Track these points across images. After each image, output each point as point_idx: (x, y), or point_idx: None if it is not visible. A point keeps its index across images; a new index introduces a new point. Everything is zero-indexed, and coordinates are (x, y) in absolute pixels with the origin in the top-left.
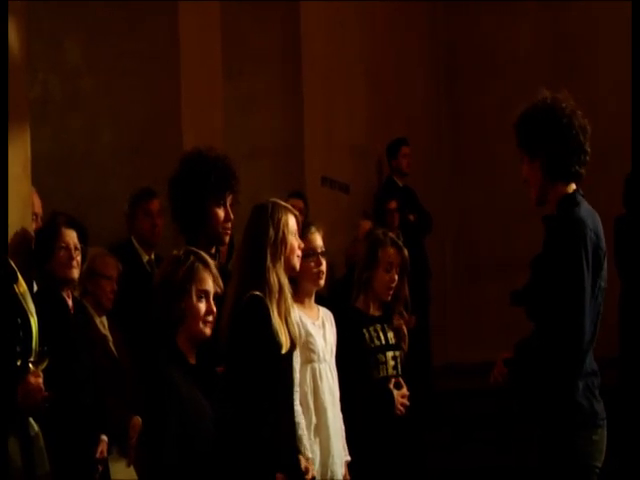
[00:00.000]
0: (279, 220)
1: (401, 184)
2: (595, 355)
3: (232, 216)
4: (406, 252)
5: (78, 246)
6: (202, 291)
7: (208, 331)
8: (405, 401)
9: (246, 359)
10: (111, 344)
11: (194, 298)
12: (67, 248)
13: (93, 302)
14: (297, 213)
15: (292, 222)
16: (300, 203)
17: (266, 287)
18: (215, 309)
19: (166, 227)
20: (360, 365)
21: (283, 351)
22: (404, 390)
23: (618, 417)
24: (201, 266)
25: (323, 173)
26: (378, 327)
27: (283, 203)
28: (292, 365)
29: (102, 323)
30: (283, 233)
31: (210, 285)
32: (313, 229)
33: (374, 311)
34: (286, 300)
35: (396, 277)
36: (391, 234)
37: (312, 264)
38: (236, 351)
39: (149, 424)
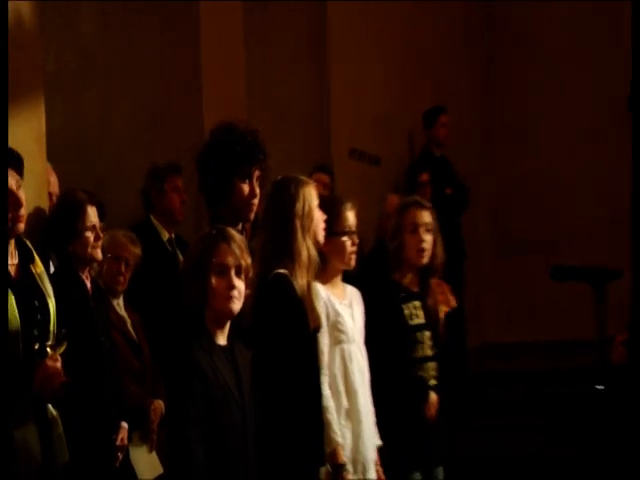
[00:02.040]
0: (304, 194)
1: (438, 155)
2: None
3: (258, 192)
4: (431, 211)
5: (99, 224)
6: (220, 265)
7: (235, 307)
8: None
9: (272, 340)
10: (129, 326)
11: (212, 274)
12: (94, 228)
13: (109, 283)
14: (319, 186)
15: (315, 195)
16: (326, 178)
17: (296, 263)
18: (238, 283)
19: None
20: (397, 344)
21: (310, 329)
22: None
23: None
24: (220, 240)
25: (351, 145)
26: (417, 304)
27: (304, 177)
28: (318, 346)
29: (119, 305)
30: (309, 206)
31: (229, 259)
32: (349, 206)
33: (412, 286)
34: (313, 276)
35: (425, 238)
36: (416, 197)
37: (347, 243)
38: (261, 332)
39: (171, 407)
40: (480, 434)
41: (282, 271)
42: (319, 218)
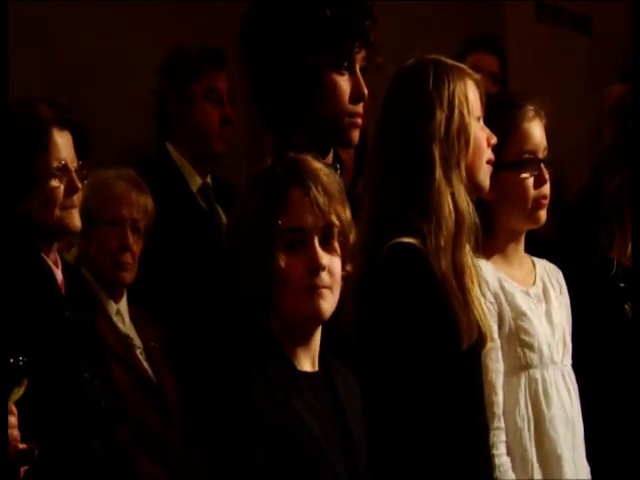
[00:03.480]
0: (452, 93)
1: None
2: None
3: (366, 91)
4: None
5: (76, 163)
6: (292, 230)
7: (324, 305)
8: None
9: (392, 361)
10: (137, 350)
11: (280, 247)
12: (65, 169)
13: (103, 273)
14: (479, 78)
15: (473, 96)
16: (492, 60)
17: (432, 224)
18: (328, 260)
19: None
20: (622, 365)
21: (463, 346)
22: None
23: None
24: (290, 182)
25: None
26: None
27: (452, 62)
28: (483, 376)
29: (120, 314)
30: (461, 117)
31: (308, 217)
32: (530, 109)
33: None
34: (466, 256)
35: None
36: None
37: (526, 182)
38: (371, 347)
39: None
40: None
41: (409, 240)
42: (480, 139)
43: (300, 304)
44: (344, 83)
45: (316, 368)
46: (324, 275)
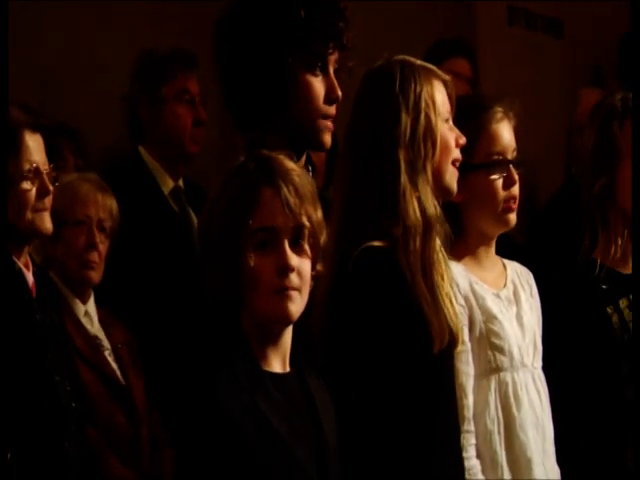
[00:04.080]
0: (418, 95)
1: None
2: None
3: (340, 93)
4: None
5: (47, 166)
6: (263, 229)
7: (293, 306)
8: None
9: (364, 365)
10: (106, 351)
11: (249, 246)
12: (35, 172)
13: (71, 274)
14: (449, 79)
15: (441, 97)
16: (464, 64)
17: (400, 228)
18: (297, 262)
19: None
20: (600, 376)
21: (435, 349)
22: None
23: None
24: (262, 181)
25: (508, 0)
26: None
27: (420, 62)
28: (454, 379)
29: (88, 315)
30: (427, 119)
31: (279, 218)
32: (498, 111)
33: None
34: (437, 252)
35: None
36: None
37: (495, 183)
38: (343, 350)
39: None
40: None
41: (379, 244)
42: (448, 140)
43: (269, 305)
44: (318, 84)
45: (287, 369)
46: (293, 276)
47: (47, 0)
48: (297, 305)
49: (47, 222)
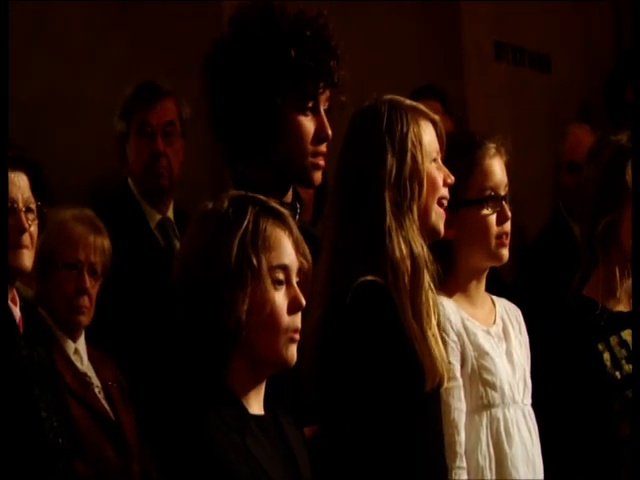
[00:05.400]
0: (405, 136)
1: None
2: None
3: (330, 132)
4: None
5: (32, 204)
6: (278, 268)
7: (290, 353)
8: None
9: (356, 402)
10: (96, 389)
11: (266, 283)
12: (15, 211)
13: (60, 315)
14: (437, 119)
15: (429, 137)
16: (436, 105)
17: (387, 267)
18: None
19: (192, 162)
20: (591, 413)
21: (427, 387)
22: None
23: None
24: (270, 221)
25: (496, 36)
26: (628, 337)
27: (409, 102)
28: (446, 416)
29: (77, 353)
30: (414, 160)
31: (291, 256)
32: (491, 147)
33: (624, 304)
34: (426, 291)
35: None
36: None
37: (488, 218)
38: (336, 390)
39: None
40: None
41: (372, 278)
42: (436, 180)
43: (278, 345)
44: (308, 123)
45: (262, 411)
46: (299, 316)
47: (33, 33)
48: (292, 351)
49: (24, 260)
